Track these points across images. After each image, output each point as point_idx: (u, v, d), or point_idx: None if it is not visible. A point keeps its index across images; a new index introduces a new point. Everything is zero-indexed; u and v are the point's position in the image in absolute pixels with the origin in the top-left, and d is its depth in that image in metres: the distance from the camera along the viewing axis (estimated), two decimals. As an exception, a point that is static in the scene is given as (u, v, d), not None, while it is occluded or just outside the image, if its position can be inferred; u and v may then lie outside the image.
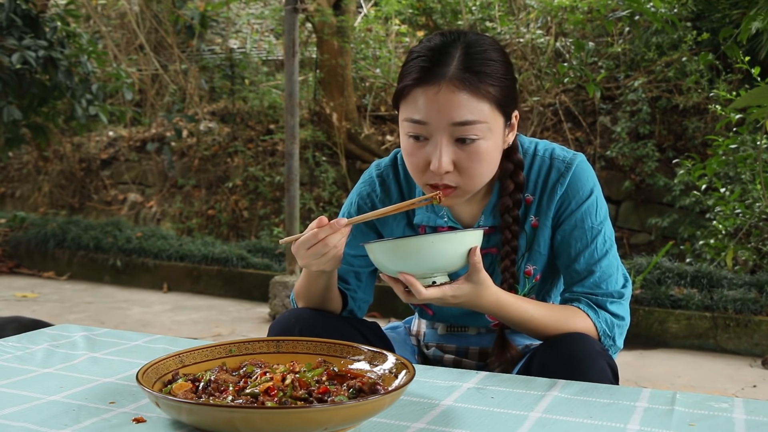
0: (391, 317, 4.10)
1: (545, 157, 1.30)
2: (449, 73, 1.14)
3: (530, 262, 1.32)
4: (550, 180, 1.29)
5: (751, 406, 0.98)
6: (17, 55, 4.37)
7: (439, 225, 1.34)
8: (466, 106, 1.14)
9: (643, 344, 3.66)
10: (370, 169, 1.41)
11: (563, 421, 0.92)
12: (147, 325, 4.03)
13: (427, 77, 1.15)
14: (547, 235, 1.31)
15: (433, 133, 1.17)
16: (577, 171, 1.28)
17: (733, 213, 4.16)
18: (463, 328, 1.42)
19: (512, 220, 1.28)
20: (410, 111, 1.18)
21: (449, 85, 1.14)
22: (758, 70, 3.85)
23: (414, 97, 1.17)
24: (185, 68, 6.87)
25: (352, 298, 1.39)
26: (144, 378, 0.92)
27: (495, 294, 1.17)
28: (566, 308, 1.25)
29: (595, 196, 1.28)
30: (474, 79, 1.14)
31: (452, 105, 1.14)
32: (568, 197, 1.28)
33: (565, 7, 5.51)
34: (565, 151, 1.31)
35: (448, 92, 1.14)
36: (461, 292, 1.14)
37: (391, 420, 0.92)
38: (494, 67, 1.17)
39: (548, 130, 5.55)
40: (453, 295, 1.13)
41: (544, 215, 1.30)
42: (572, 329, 1.22)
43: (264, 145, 6.50)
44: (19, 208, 7.27)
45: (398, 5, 6.41)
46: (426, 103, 1.15)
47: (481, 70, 1.15)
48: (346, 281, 1.39)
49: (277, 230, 5.59)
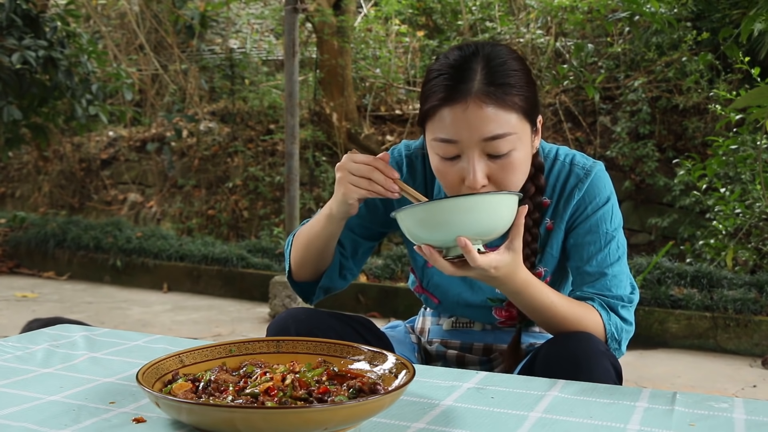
0: (391, 317, 4.10)
1: (566, 163, 1.31)
2: (474, 89, 1.13)
3: (542, 264, 1.33)
4: (568, 185, 1.30)
5: (751, 406, 0.98)
6: (17, 55, 4.38)
7: None
8: (495, 120, 1.13)
9: (643, 344, 3.66)
10: (400, 148, 1.40)
11: (563, 421, 0.92)
12: (147, 325, 4.03)
13: (453, 95, 1.14)
14: (560, 238, 1.32)
15: (464, 150, 1.16)
16: (596, 178, 1.29)
17: (733, 213, 4.16)
18: (469, 324, 1.42)
19: (532, 223, 1.29)
20: (439, 131, 1.17)
21: (476, 101, 1.13)
22: (758, 70, 3.86)
23: (441, 117, 1.16)
24: (185, 68, 6.87)
25: (340, 263, 1.40)
26: (144, 378, 0.92)
27: (525, 271, 1.17)
28: (583, 304, 1.25)
29: (611, 203, 1.30)
30: (499, 92, 1.14)
31: (481, 121, 1.13)
32: (585, 202, 1.29)
33: (565, 7, 5.51)
34: (586, 159, 1.32)
35: (476, 108, 1.13)
36: (504, 262, 1.12)
37: (391, 420, 0.92)
38: (516, 77, 1.16)
39: (548, 130, 5.55)
40: (496, 266, 1.11)
41: (560, 219, 1.31)
42: (584, 326, 1.22)
43: (264, 145, 6.50)
44: (19, 208, 7.27)
45: (398, 5, 6.42)
46: (454, 122, 1.14)
47: (505, 82, 1.15)
48: (343, 245, 1.40)
49: (277, 230, 5.59)
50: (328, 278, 1.39)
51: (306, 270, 1.38)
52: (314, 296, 1.43)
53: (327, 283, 1.40)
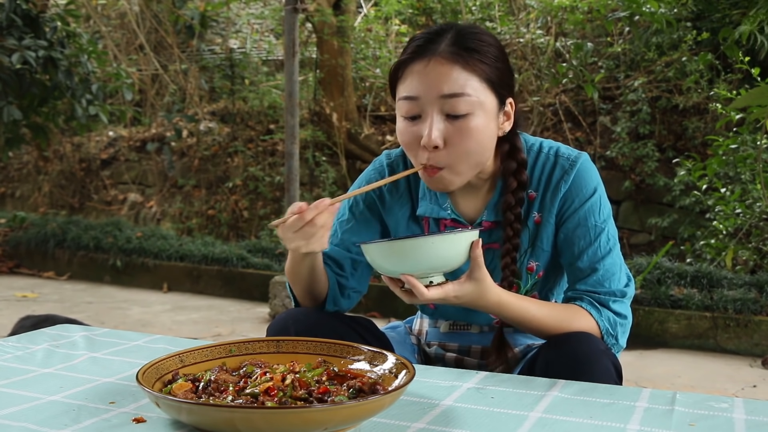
0: (391, 317, 4.10)
1: (550, 155, 1.31)
2: (439, 49, 1.19)
3: (533, 259, 1.33)
4: (554, 177, 1.30)
5: (751, 406, 0.98)
6: (17, 55, 4.37)
7: (442, 217, 1.35)
8: (455, 79, 1.18)
9: (643, 344, 3.66)
10: (380, 158, 1.44)
11: (563, 421, 0.92)
12: (147, 325, 4.03)
13: (419, 53, 1.20)
14: (551, 231, 1.31)
15: (424, 108, 1.20)
16: (581, 169, 1.29)
17: (733, 213, 4.16)
18: (466, 326, 1.42)
19: (514, 218, 1.29)
20: (404, 89, 1.23)
21: (438, 59, 1.18)
22: (758, 70, 3.85)
23: (405, 76, 1.22)
24: (185, 68, 6.87)
25: (340, 285, 1.38)
26: (144, 378, 0.92)
27: (497, 293, 1.18)
28: (568, 307, 1.25)
29: (598, 194, 1.29)
30: (464, 53, 1.18)
31: (441, 77, 1.18)
32: (572, 195, 1.29)
33: (565, 7, 5.51)
34: (570, 150, 1.32)
35: (437, 65, 1.18)
36: (464, 291, 1.14)
37: (391, 420, 0.92)
38: (485, 48, 1.21)
39: (548, 130, 5.55)
40: (455, 295, 1.13)
41: (548, 212, 1.30)
42: (575, 328, 1.22)
43: (264, 145, 6.50)
44: (19, 208, 7.27)
45: (398, 5, 6.42)
46: (416, 78, 1.20)
47: (471, 47, 1.19)
48: (341, 266, 1.39)
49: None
50: (331, 303, 1.39)
51: (307, 301, 1.38)
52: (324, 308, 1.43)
53: (331, 307, 1.39)
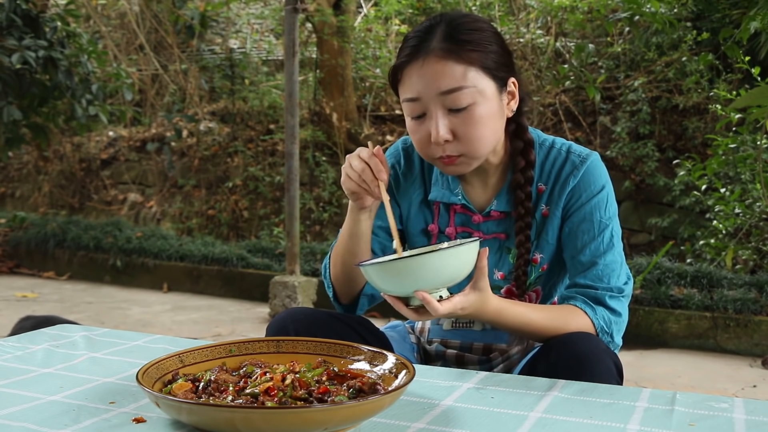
0: (391, 317, 4.10)
1: (562, 150, 1.34)
2: (432, 46, 1.20)
3: (538, 251, 1.34)
4: (564, 172, 1.32)
5: (751, 406, 0.98)
6: (17, 55, 4.37)
7: (452, 202, 1.37)
8: (450, 74, 1.19)
9: (643, 344, 3.66)
10: (397, 143, 1.46)
11: (563, 421, 0.92)
12: (147, 325, 4.03)
13: (413, 54, 1.22)
14: (556, 225, 1.33)
15: (427, 107, 1.22)
16: (591, 166, 1.31)
17: (733, 213, 4.16)
18: (469, 324, 1.42)
19: (525, 196, 1.31)
20: (404, 91, 1.25)
21: (431, 57, 1.20)
22: (758, 70, 3.86)
23: (404, 78, 1.24)
24: (185, 68, 6.87)
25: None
26: (144, 378, 0.92)
27: (496, 301, 1.19)
28: (563, 308, 1.26)
29: (606, 192, 1.31)
30: (456, 47, 1.20)
31: (437, 75, 1.19)
32: (580, 190, 1.30)
33: (565, 7, 5.51)
34: (582, 148, 1.35)
35: (432, 63, 1.20)
36: (469, 302, 1.14)
37: (391, 420, 0.92)
38: (475, 35, 1.22)
39: (548, 130, 5.55)
40: (462, 306, 1.14)
41: (555, 205, 1.32)
42: (571, 328, 1.22)
43: (264, 145, 6.50)
44: (19, 208, 7.27)
45: (398, 5, 6.42)
46: (414, 79, 1.22)
47: (463, 39, 1.21)
48: (372, 251, 1.40)
49: (277, 230, 5.59)
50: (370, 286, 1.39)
51: (347, 284, 1.38)
52: (358, 306, 1.44)
53: (370, 289, 1.41)
